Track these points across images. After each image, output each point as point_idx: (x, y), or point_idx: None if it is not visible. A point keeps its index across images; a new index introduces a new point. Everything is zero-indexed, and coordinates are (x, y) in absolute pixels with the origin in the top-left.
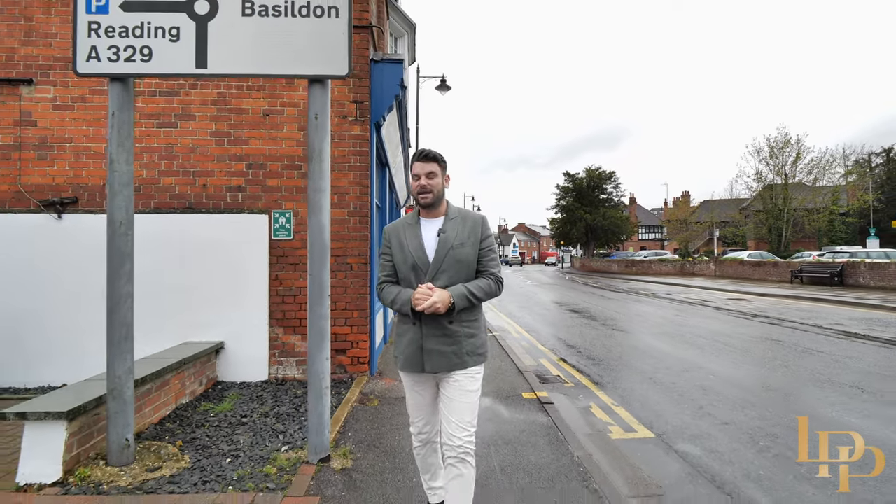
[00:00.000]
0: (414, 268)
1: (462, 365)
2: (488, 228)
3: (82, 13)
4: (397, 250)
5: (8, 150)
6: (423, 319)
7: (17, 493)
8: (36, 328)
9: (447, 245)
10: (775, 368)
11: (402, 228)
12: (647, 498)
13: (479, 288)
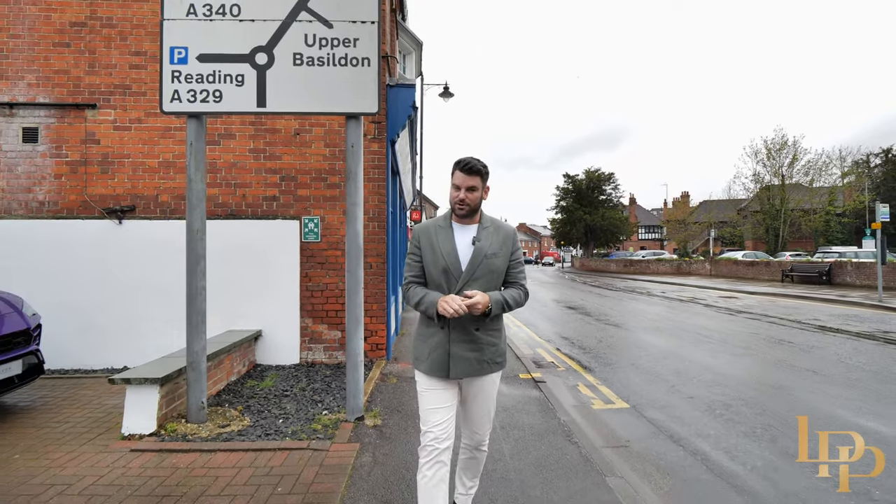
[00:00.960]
0: (445, 272)
1: (481, 372)
2: (517, 241)
3: (167, 63)
4: (428, 252)
5: (76, 164)
6: (450, 325)
7: (123, 441)
8: (100, 317)
9: (482, 254)
10: (745, 356)
11: (433, 230)
12: (615, 448)
13: (512, 297)
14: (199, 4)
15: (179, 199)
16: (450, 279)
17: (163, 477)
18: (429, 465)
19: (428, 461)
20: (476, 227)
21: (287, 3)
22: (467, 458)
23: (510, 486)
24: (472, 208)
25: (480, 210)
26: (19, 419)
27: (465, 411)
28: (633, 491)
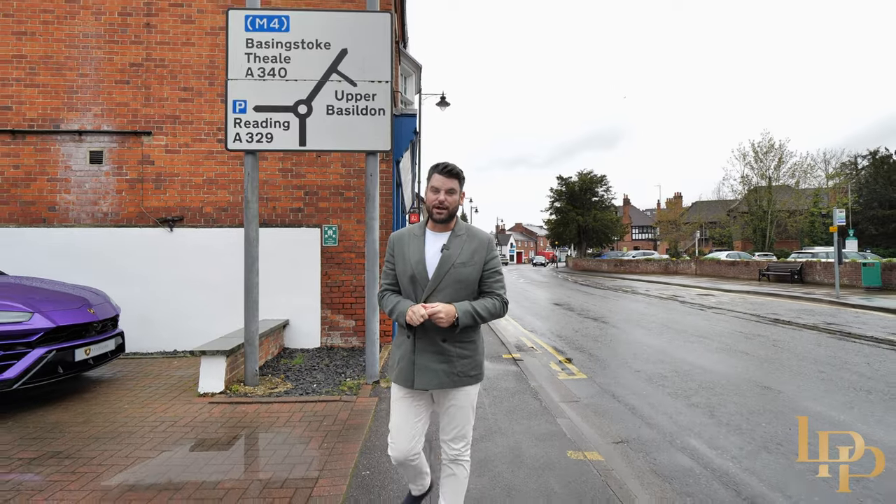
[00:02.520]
0: (413, 280)
1: (450, 384)
2: (494, 249)
3: (231, 112)
4: (400, 260)
5: (134, 182)
6: (416, 334)
7: (200, 397)
8: (154, 309)
9: (448, 262)
10: (696, 342)
11: (407, 238)
12: (568, 402)
13: (485, 308)
14: (255, 68)
15: (220, 211)
16: (416, 288)
17: (239, 417)
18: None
19: (397, 464)
20: (448, 235)
21: (321, 67)
22: (447, 476)
23: (486, 422)
24: (451, 212)
25: (457, 219)
26: (113, 386)
27: (442, 422)
28: (573, 424)
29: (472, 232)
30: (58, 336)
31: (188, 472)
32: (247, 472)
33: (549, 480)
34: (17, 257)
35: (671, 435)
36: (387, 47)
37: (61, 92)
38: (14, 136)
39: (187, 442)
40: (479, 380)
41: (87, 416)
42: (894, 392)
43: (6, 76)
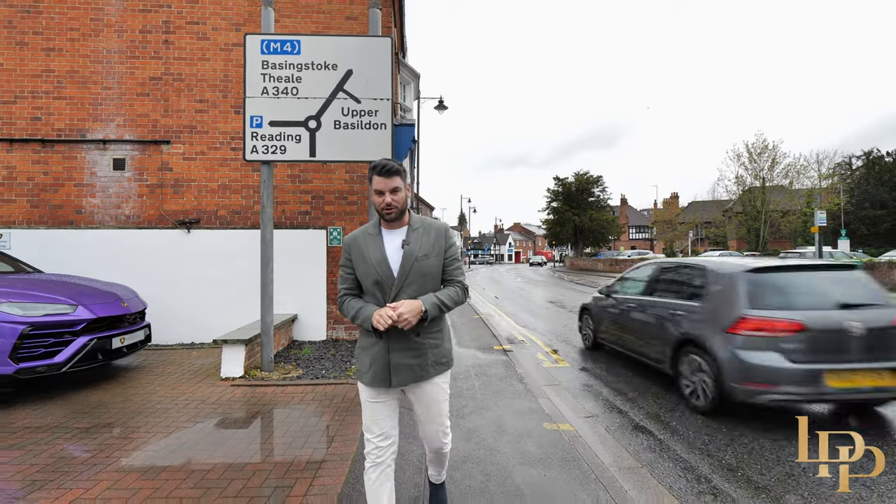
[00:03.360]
0: (378, 283)
1: (426, 376)
2: (452, 237)
3: (248, 127)
4: (360, 263)
5: (154, 187)
6: (388, 334)
7: (222, 381)
8: (173, 304)
9: (412, 257)
10: None
11: (362, 239)
12: (550, 385)
13: (449, 297)
14: (270, 87)
15: (234, 214)
16: (383, 288)
17: (258, 397)
18: (373, 468)
19: (372, 465)
20: (405, 230)
21: (329, 86)
22: (431, 458)
23: (476, 401)
24: (400, 209)
25: (409, 211)
26: (142, 372)
27: (417, 421)
28: (551, 403)
29: (426, 223)
30: (97, 326)
31: (224, 437)
32: (273, 437)
33: (526, 444)
34: (48, 256)
35: (636, 412)
36: (387, 69)
37: (87, 104)
38: (43, 145)
39: (217, 416)
40: (449, 366)
41: (125, 396)
42: None
43: (36, 89)
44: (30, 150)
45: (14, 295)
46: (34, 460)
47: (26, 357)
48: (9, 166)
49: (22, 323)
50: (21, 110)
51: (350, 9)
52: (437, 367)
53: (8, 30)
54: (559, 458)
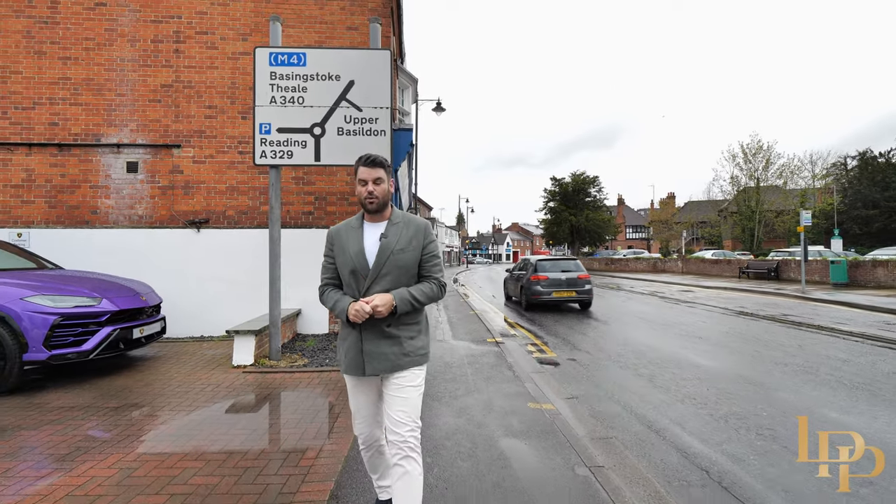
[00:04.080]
0: (353, 273)
1: (401, 367)
2: (431, 234)
3: (258, 133)
4: (339, 253)
5: (165, 188)
6: (362, 323)
7: (234, 368)
8: (184, 299)
9: (388, 250)
10: (660, 329)
11: (345, 231)
12: (536, 372)
13: (422, 292)
14: (278, 96)
15: (241, 214)
16: (358, 279)
17: (269, 382)
18: (365, 449)
19: (364, 447)
20: (385, 224)
21: (333, 96)
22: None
23: (467, 385)
24: (382, 201)
25: (392, 206)
26: (158, 362)
27: (385, 408)
28: (536, 387)
29: (408, 219)
30: (119, 318)
31: (242, 413)
32: (286, 414)
33: (511, 420)
34: (66, 254)
35: (612, 393)
36: (387, 79)
37: (101, 110)
38: (60, 149)
39: (233, 397)
40: (426, 360)
41: (147, 381)
42: (798, 362)
43: (53, 96)
44: (48, 153)
45: (45, 288)
46: (75, 433)
47: (58, 345)
48: (28, 169)
49: (53, 314)
50: (39, 116)
51: (351, 20)
52: (413, 359)
53: (27, 39)
54: (539, 431)
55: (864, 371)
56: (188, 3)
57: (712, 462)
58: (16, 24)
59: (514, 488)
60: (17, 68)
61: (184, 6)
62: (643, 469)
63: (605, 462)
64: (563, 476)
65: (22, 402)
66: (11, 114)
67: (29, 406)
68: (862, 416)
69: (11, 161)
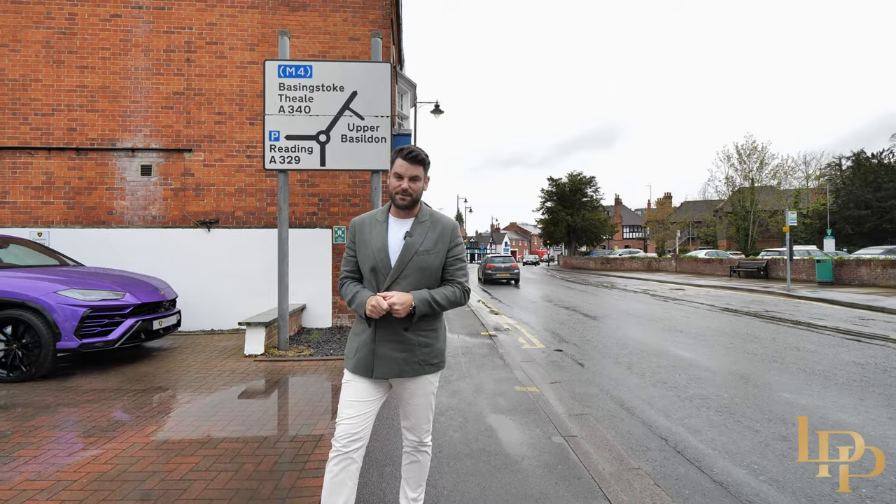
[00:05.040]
0: (374, 270)
1: (412, 373)
2: (458, 236)
3: (267, 140)
4: (361, 246)
5: (177, 190)
6: (377, 323)
7: (245, 358)
8: (195, 295)
9: (412, 250)
10: (646, 324)
11: (369, 224)
12: (526, 361)
13: (444, 296)
14: (286, 106)
15: (249, 215)
16: (378, 276)
17: (278, 369)
18: (337, 459)
19: (336, 456)
20: (412, 222)
21: (337, 105)
22: (410, 463)
23: (461, 371)
24: (414, 199)
25: (421, 204)
26: (174, 352)
27: (403, 411)
28: (524, 373)
29: (435, 218)
30: (141, 310)
31: (258, 395)
32: (296, 395)
33: (499, 400)
34: (85, 252)
35: (592, 379)
36: (387, 90)
37: (117, 116)
38: (78, 153)
39: (247, 382)
40: (440, 368)
41: (167, 368)
42: (769, 352)
43: (71, 103)
44: (66, 157)
45: (75, 283)
46: (110, 409)
47: (87, 334)
48: (48, 172)
49: (83, 306)
50: (58, 122)
51: (353, 31)
52: (426, 367)
53: (46, 49)
54: (523, 409)
55: (827, 360)
56: (199, 15)
57: (672, 433)
58: (36, 35)
59: (498, 452)
60: (38, 76)
61: (195, 18)
62: (611, 438)
63: (579, 433)
64: (540, 443)
65: (57, 386)
66: (32, 120)
67: (64, 389)
68: (811, 396)
69: (32, 164)
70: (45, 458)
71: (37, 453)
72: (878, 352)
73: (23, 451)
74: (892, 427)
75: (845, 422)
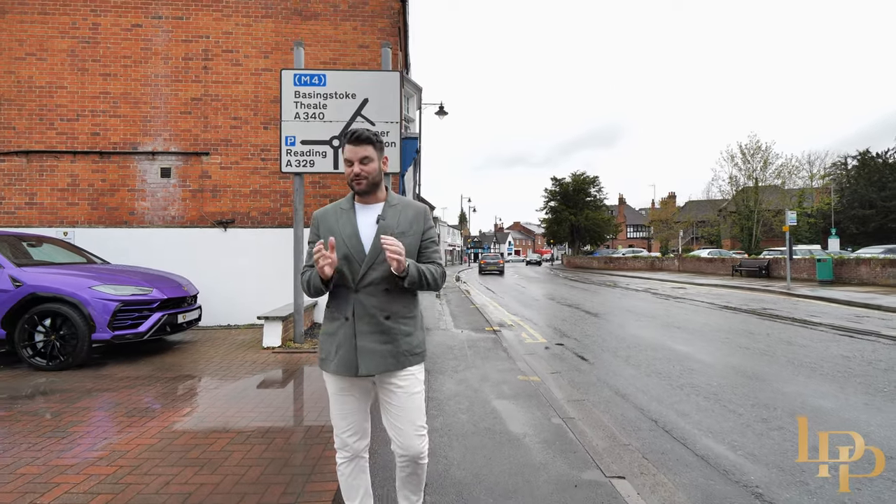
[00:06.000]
0: (347, 258)
1: (398, 366)
2: (431, 219)
3: (284, 145)
4: (327, 237)
5: (195, 191)
6: (356, 315)
7: (264, 350)
8: (212, 292)
9: (388, 232)
10: (645, 321)
11: (333, 214)
12: (528, 354)
13: (429, 271)
14: (301, 112)
15: (263, 215)
16: (352, 265)
17: (294, 360)
18: (345, 463)
19: (344, 460)
20: (382, 206)
21: (349, 111)
22: (407, 475)
23: (467, 363)
24: (371, 181)
25: (387, 188)
26: (195, 345)
27: (389, 418)
28: (526, 364)
29: (405, 202)
30: (167, 305)
31: (278, 382)
32: (312, 382)
33: (502, 387)
34: (108, 251)
35: (591, 370)
36: (396, 97)
37: (138, 121)
38: (102, 156)
39: (268, 371)
40: (423, 358)
41: (192, 359)
42: (761, 346)
43: (95, 108)
44: (90, 160)
45: (107, 279)
46: (146, 394)
47: (119, 327)
48: (73, 174)
49: (115, 300)
50: (82, 127)
51: (362, 38)
52: (410, 358)
53: (71, 58)
54: (525, 395)
55: (816, 353)
56: (215, 24)
57: (662, 416)
58: (61, 44)
59: (502, 431)
60: (63, 83)
61: (211, 27)
62: (605, 420)
63: (576, 415)
64: (540, 424)
65: (93, 374)
66: (58, 125)
67: (100, 377)
68: (795, 385)
69: (58, 167)
70: (97, 434)
71: (88, 429)
72: (866, 346)
73: (76, 427)
74: (866, 411)
75: (823, 407)
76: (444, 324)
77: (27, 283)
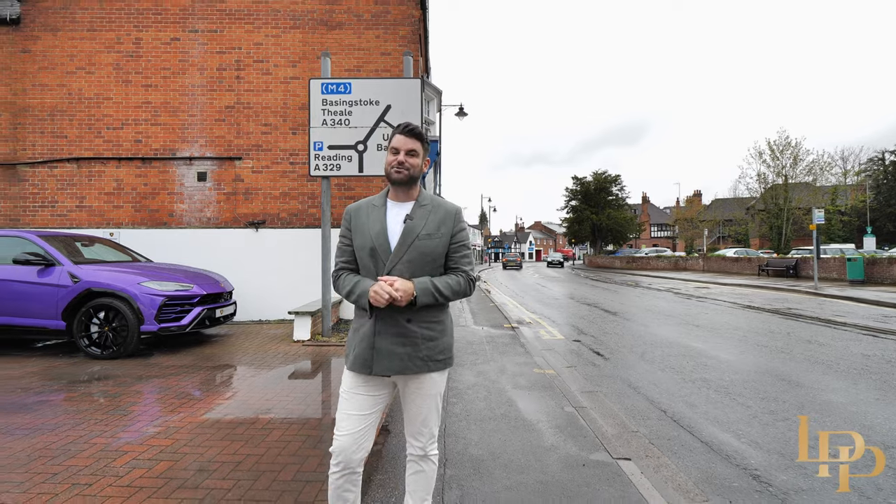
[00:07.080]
0: (372, 253)
1: (415, 370)
2: (462, 221)
3: (312, 150)
4: (358, 233)
5: (229, 194)
6: (378, 314)
7: (294, 343)
8: (245, 289)
9: (413, 233)
10: (664, 319)
11: (365, 209)
12: (545, 350)
13: (448, 285)
14: (328, 119)
15: (292, 216)
16: (377, 261)
17: (323, 352)
18: (338, 474)
19: (337, 470)
20: (412, 205)
21: (373, 118)
22: (414, 473)
23: (486, 357)
24: (411, 174)
25: (420, 187)
26: (230, 339)
27: (406, 414)
28: (543, 359)
29: (437, 202)
30: (206, 300)
31: (309, 372)
32: (336, 374)
33: (519, 380)
34: (150, 250)
35: (606, 364)
36: (418, 103)
37: (176, 129)
38: (143, 162)
39: (299, 362)
40: (447, 365)
41: (229, 351)
42: (779, 345)
43: (137, 118)
44: (133, 166)
45: (153, 275)
46: (192, 380)
47: (164, 320)
48: (118, 179)
49: (161, 295)
50: (126, 135)
51: (384, 46)
52: (432, 364)
53: (116, 71)
54: (540, 386)
55: (835, 352)
56: (247, 36)
57: (671, 407)
58: (107, 58)
59: (517, 417)
60: (109, 95)
61: (243, 39)
62: (616, 409)
63: (588, 405)
64: (554, 411)
65: (142, 363)
66: (104, 133)
67: (148, 365)
68: (808, 381)
69: (105, 173)
70: (152, 413)
71: (145, 409)
72: (889, 345)
73: (133, 407)
74: (875, 405)
75: (832, 401)
76: (464, 321)
77: (83, 279)
